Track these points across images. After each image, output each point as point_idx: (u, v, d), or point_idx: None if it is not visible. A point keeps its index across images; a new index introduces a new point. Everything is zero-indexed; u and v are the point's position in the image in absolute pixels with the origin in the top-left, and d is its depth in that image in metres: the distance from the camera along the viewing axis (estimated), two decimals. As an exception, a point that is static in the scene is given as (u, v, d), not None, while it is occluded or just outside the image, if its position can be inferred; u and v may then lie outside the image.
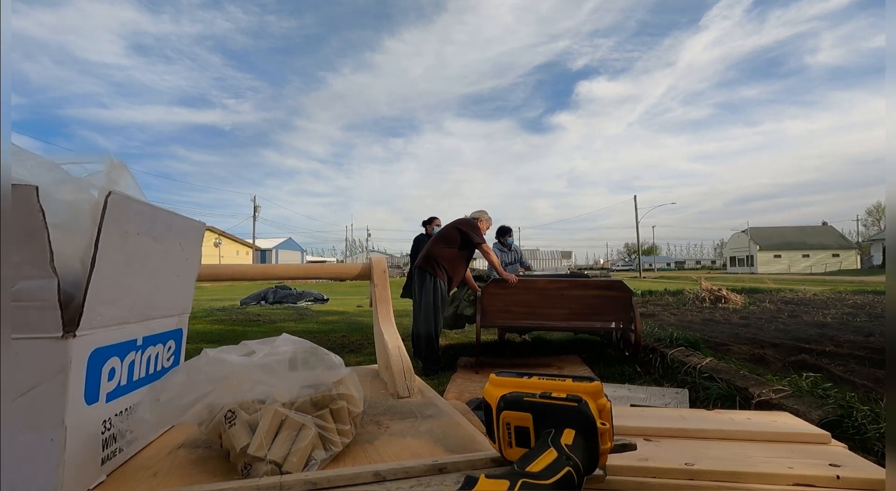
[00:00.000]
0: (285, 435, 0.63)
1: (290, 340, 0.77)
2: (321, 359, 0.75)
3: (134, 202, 0.60)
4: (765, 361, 3.54)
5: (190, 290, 0.87)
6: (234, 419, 0.63)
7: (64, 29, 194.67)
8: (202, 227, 0.88)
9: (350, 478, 0.55)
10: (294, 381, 0.69)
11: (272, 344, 0.76)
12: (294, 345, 0.76)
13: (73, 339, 0.52)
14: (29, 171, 0.52)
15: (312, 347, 0.76)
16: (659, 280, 24.79)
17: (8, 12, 0.50)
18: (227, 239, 42.65)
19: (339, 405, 0.71)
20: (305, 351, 0.75)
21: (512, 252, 5.35)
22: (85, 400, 0.55)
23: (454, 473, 0.58)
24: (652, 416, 1.03)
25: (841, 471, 0.75)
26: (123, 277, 0.60)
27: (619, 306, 3.78)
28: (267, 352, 0.72)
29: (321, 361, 0.75)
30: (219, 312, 8.77)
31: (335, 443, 0.68)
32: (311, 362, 0.74)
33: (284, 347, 0.75)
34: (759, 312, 7.05)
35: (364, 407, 0.77)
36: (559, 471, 0.45)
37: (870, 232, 59.94)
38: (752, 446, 0.88)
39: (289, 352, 0.73)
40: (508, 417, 0.55)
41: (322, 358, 0.75)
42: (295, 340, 0.77)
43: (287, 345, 0.75)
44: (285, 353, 0.73)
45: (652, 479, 0.76)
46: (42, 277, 0.49)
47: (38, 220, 0.48)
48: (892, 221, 0.41)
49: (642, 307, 7.79)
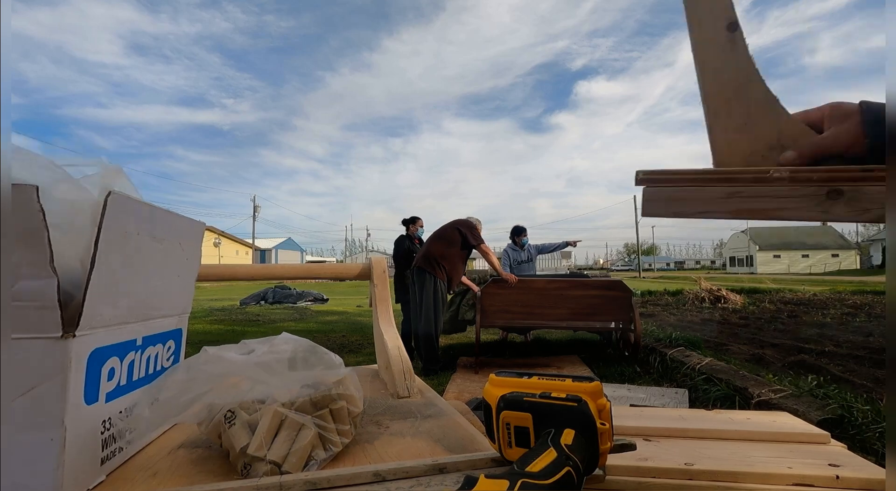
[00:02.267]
0: (285, 435, 0.63)
1: (290, 339, 0.77)
2: (321, 358, 0.75)
3: (134, 202, 0.60)
4: (764, 361, 3.55)
5: (190, 290, 0.87)
6: (234, 419, 0.63)
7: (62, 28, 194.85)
8: (202, 227, 0.88)
9: (350, 478, 0.55)
10: (294, 380, 0.69)
11: (271, 343, 0.76)
12: (294, 343, 0.76)
13: (73, 339, 0.52)
14: (29, 171, 0.52)
15: (312, 345, 0.77)
16: (658, 280, 24.80)
17: (8, 12, 0.50)
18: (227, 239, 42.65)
19: (339, 405, 0.71)
20: (305, 350, 0.75)
21: (526, 251, 5.33)
22: (84, 400, 0.55)
23: (454, 473, 0.58)
24: (651, 416, 1.03)
25: (840, 471, 0.75)
26: (123, 276, 0.60)
27: (618, 306, 3.79)
28: (266, 350, 0.72)
29: (321, 361, 0.75)
30: (218, 311, 8.76)
31: (335, 443, 0.68)
32: (310, 361, 0.74)
33: (284, 345, 0.75)
34: (758, 312, 7.05)
35: (364, 407, 0.77)
36: (559, 471, 0.45)
37: (869, 232, 59.98)
38: (751, 446, 0.88)
39: (288, 351, 0.73)
40: (508, 417, 0.55)
41: (322, 357, 0.75)
42: (295, 339, 0.77)
43: (287, 344, 0.75)
44: (285, 351, 0.73)
45: (651, 479, 0.76)
46: (42, 276, 0.49)
47: (38, 220, 0.48)
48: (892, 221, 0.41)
49: (642, 307, 7.79)
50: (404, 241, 4.91)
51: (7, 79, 0.51)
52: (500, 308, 3.92)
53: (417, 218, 5.05)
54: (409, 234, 4.96)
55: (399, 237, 5.06)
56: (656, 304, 8.79)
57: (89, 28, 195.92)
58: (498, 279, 3.96)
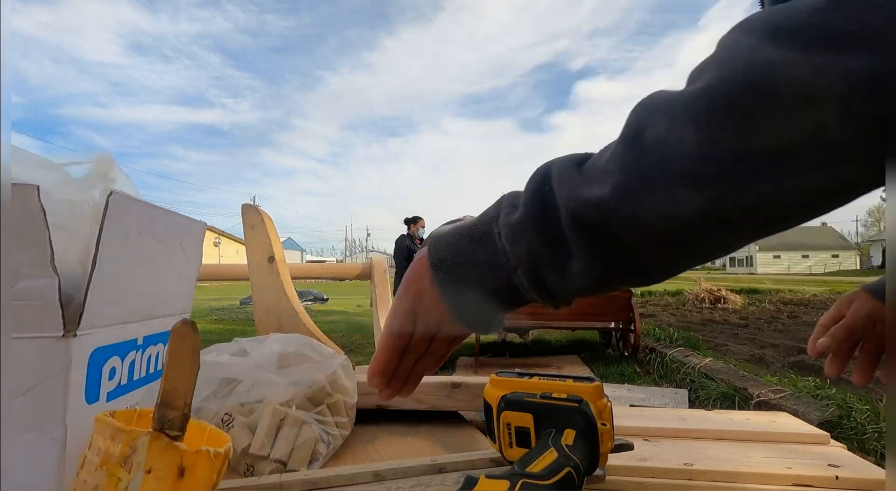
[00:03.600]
0: (287, 432, 0.63)
1: (282, 337, 0.78)
2: (314, 350, 0.75)
3: (136, 202, 0.60)
4: (764, 362, 3.55)
5: (190, 289, 0.87)
6: (232, 422, 0.63)
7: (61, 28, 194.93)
8: (203, 226, 0.88)
9: (349, 477, 0.55)
10: (289, 378, 0.69)
11: (263, 342, 0.76)
12: (285, 340, 0.76)
13: (74, 338, 0.52)
14: (29, 171, 0.52)
15: (304, 338, 0.77)
16: (658, 280, 24.81)
17: (8, 12, 0.50)
18: (227, 239, 42.63)
19: (335, 399, 0.71)
20: (297, 344, 0.75)
21: None
22: (85, 399, 0.55)
23: (454, 473, 0.58)
24: (651, 416, 1.03)
25: (840, 471, 0.75)
26: (124, 276, 0.60)
27: (618, 307, 3.79)
28: (259, 350, 0.73)
29: (314, 353, 0.75)
30: (218, 311, 8.77)
31: (335, 436, 0.68)
32: (305, 356, 0.74)
33: (276, 344, 0.75)
34: (758, 312, 7.06)
35: (358, 397, 0.77)
36: (559, 471, 0.45)
37: (869, 232, 60.03)
38: (750, 447, 0.88)
39: (280, 348, 0.74)
40: (509, 418, 0.55)
41: (315, 349, 0.75)
42: (286, 336, 0.78)
43: (278, 342, 0.76)
44: (277, 349, 0.73)
45: (651, 479, 0.76)
46: (43, 276, 0.49)
47: (39, 221, 0.48)
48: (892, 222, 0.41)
49: (641, 307, 7.80)
50: (405, 240, 4.89)
51: (7, 78, 0.51)
52: (500, 308, 3.93)
53: (419, 218, 5.03)
54: (410, 233, 4.95)
55: (400, 237, 5.04)
56: (656, 304, 8.79)
57: (88, 27, 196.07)
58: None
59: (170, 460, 0.37)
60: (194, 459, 0.38)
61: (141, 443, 0.37)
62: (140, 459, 0.37)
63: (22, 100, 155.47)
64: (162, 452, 0.37)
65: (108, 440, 0.38)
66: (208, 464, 0.39)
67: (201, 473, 0.39)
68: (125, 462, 0.37)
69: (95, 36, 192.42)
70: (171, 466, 0.37)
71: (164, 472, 0.37)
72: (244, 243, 1.21)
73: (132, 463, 0.37)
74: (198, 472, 0.39)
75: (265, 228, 1.19)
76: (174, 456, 0.38)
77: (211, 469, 0.40)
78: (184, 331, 0.40)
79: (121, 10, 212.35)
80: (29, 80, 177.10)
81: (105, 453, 0.38)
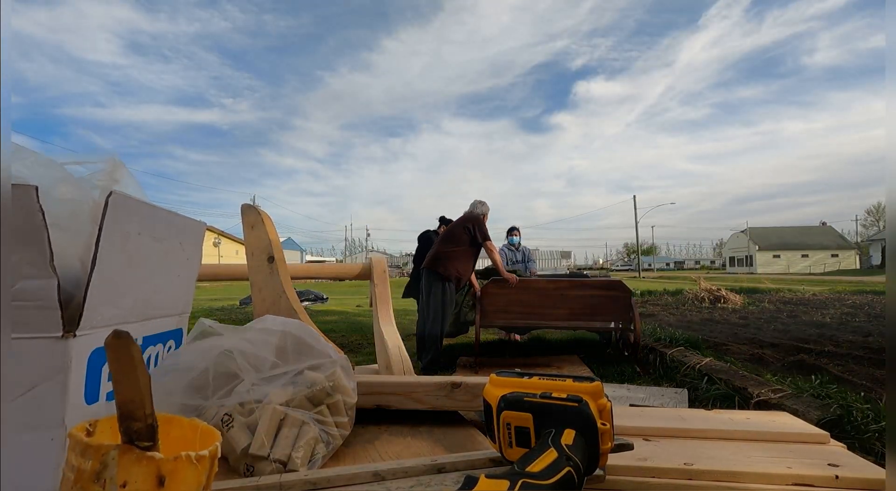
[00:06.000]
0: (286, 433, 0.63)
1: (279, 321, 0.77)
2: (312, 347, 0.75)
3: (135, 202, 0.60)
4: (764, 361, 3.55)
5: (190, 289, 0.86)
6: (232, 422, 0.63)
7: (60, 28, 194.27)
8: (202, 226, 0.88)
9: (350, 477, 0.55)
10: (287, 377, 0.69)
11: (264, 322, 0.76)
12: (283, 326, 0.75)
13: (74, 338, 0.51)
14: (29, 170, 0.52)
15: (301, 326, 0.76)
16: (658, 280, 24.81)
17: (8, 12, 0.50)
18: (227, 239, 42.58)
19: (335, 399, 0.71)
20: (295, 337, 0.74)
21: (521, 251, 5.33)
22: (85, 399, 0.55)
23: (453, 473, 0.58)
24: (651, 416, 1.03)
25: (840, 471, 0.75)
26: (124, 276, 0.60)
27: (618, 306, 3.79)
28: (259, 329, 0.73)
29: (312, 350, 0.74)
30: (218, 311, 8.76)
31: (335, 436, 0.68)
32: (302, 352, 0.73)
33: (271, 337, 0.74)
34: (758, 312, 7.05)
35: (358, 397, 0.77)
36: (559, 471, 0.45)
37: (869, 232, 59.99)
38: (750, 446, 0.88)
39: (277, 337, 0.73)
40: (509, 417, 0.55)
41: (313, 346, 0.75)
42: (283, 321, 0.77)
43: (276, 326, 0.75)
44: (274, 336, 0.73)
45: (651, 478, 0.76)
46: (42, 276, 0.49)
47: (38, 220, 0.48)
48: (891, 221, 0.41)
49: (641, 307, 7.79)
50: (430, 237, 4.59)
51: (7, 78, 0.51)
52: (500, 308, 3.92)
53: (450, 220, 4.84)
54: (438, 230, 4.64)
55: (424, 233, 4.76)
56: (656, 304, 8.78)
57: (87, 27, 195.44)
58: (498, 279, 3.96)
59: (145, 471, 0.37)
60: (173, 466, 0.38)
61: (111, 457, 0.36)
62: (111, 474, 0.36)
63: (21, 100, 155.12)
64: (134, 465, 0.37)
65: (79, 457, 0.37)
66: (191, 469, 0.38)
67: (184, 478, 0.38)
68: (97, 478, 0.36)
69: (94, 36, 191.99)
70: (147, 477, 0.37)
71: (141, 484, 0.36)
72: (244, 243, 1.21)
73: (104, 478, 0.36)
74: (180, 478, 0.38)
75: (265, 228, 1.19)
76: (149, 466, 0.37)
77: (196, 473, 0.39)
78: (117, 344, 0.38)
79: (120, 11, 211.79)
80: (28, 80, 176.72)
81: (78, 470, 0.37)
